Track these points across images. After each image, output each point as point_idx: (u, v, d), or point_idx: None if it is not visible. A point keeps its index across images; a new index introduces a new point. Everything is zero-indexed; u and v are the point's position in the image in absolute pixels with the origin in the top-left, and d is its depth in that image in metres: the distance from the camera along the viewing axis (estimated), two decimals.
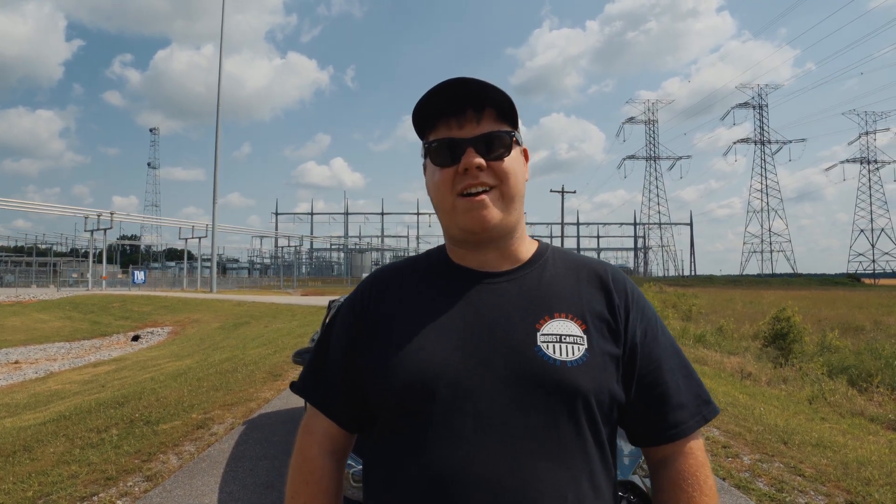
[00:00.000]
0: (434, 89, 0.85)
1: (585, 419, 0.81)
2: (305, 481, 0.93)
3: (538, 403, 0.79)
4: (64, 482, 3.71)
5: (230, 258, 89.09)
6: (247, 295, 33.67)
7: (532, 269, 0.92)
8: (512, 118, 0.89)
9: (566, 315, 0.86)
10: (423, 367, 0.82)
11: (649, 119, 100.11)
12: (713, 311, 21.70)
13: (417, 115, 0.89)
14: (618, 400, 0.85)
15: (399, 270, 0.98)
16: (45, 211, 38.72)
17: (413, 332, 0.86)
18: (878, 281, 77.76)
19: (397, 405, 0.83)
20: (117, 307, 25.32)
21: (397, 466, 0.82)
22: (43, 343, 17.41)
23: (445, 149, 0.87)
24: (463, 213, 0.86)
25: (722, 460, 4.25)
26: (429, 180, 0.92)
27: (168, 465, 4.13)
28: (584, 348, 0.83)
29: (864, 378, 8.72)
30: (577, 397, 0.80)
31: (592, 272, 0.92)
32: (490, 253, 0.91)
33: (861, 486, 3.67)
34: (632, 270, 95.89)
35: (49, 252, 75.46)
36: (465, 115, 0.86)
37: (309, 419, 0.98)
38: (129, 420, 5.36)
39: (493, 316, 0.85)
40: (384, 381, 0.84)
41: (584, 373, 0.81)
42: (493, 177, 0.86)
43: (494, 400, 0.79)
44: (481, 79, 0.85)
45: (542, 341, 0.82)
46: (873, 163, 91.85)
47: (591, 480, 0.81)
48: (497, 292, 0.88)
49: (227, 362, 9.07)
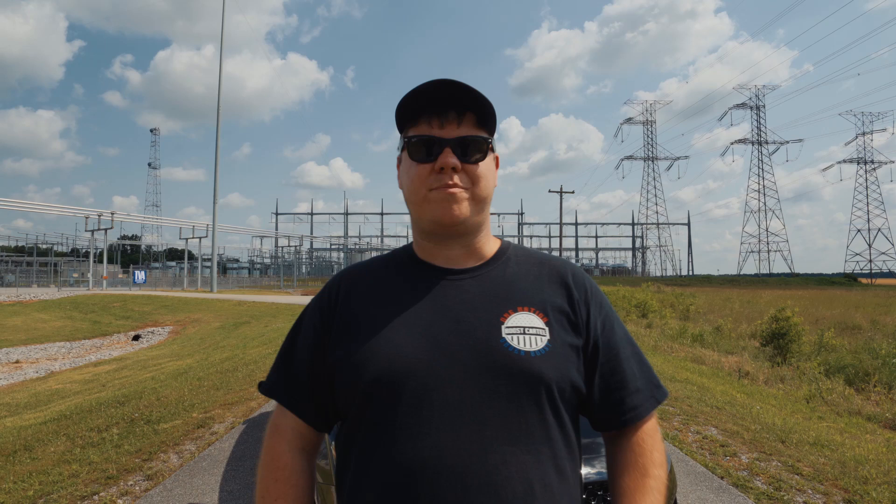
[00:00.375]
0: (421, 87, 0.88)
1: (549, 406, 0.85)
2: (276, 479, 0.93)
3: (504, 392, 0.83)
4: (65, 481, 3.72)
5: (230, 258, 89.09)
6: (247, 295, 33.66)
7: (495, 265, 0.96)
8: (490, 125, 0.93)
9: (529, 308, 0.90)
10: (391, 361, 0.85)
11: (647, 120, 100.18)
12: (711, 311, 21.72)
13: (402, 109, 0.91)
14: (578, 388, 0.90)
15: (366, 269, 1.00)
16: (46, 211, 38.71)
17: (381, 327, 0.88)
18: (874, 280, 77.84)
19: (366, 400, 0.85)
20: (118, 307, 25.31)
21: (368, 458, 0.85)
22: (43, 342, 17.40)
23: (424, 145, 0.90)
24: (434, 204, 0.89)
25: (720, 459, 4.27)
26: (403, 173, 0.95)
27: (169, 464, 4.14)
28: (546, 339, 0.88)
29: (861, 377, 8.74)
30: (541, 385, 0.84)
31: (553, 269, 0.98)
32: (456, 249, 0.95)
33: (859, 485, 3.69)
34: (629, 270, 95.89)
35: (50, 252, 75.43)
36: (448, 115, 0.89)
37: (277, 418, 0.98)
38: (129, 419, 5.37)
39: (458, 310, 0.89)
40: (353, 376, 0.86)
41: (546, 362, 0.85)
42: (466, 179, 0.90)
43: (462, 390, 0.83)
44: (468, 83, 0.87)
45: (507, 333, 0.87)
46: (870, 163, 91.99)
47: (555, 464, 0.85)
48: (462, 288, 0.92)
49: (227, 362, 9.08)
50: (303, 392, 0.95)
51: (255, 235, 66.81)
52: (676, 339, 13.69)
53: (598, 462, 2.17)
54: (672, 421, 5.36)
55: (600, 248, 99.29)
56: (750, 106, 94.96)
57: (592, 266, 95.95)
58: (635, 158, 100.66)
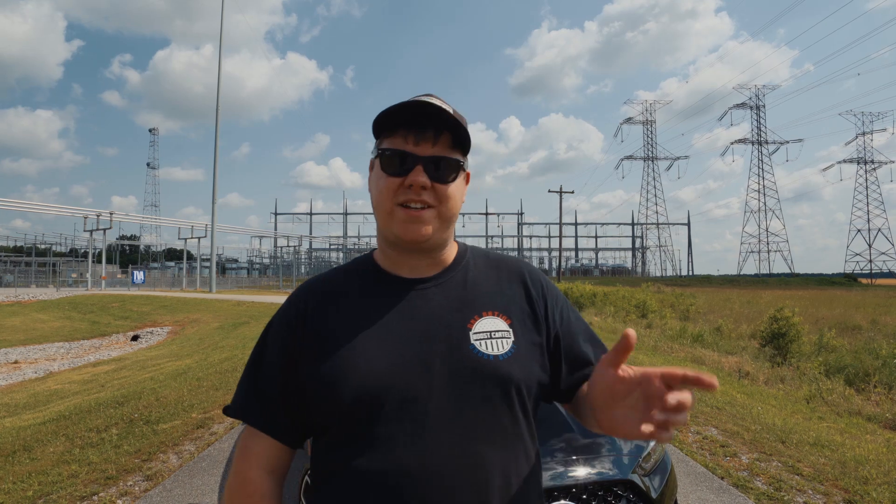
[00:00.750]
0: (403, 104, 0.90)
1: (518, 405, 0.90)
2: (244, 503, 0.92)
3: (477, 396, 0.87)
4: (64, 482, 3.72)
5: (229, 258, 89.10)
6: (246, 295, 33.64)
7: (456, 271, 0.99)
8: (465, 147, 0.95)
9: (493, 312, 0.95)
10: (368, 377, 0.86)
11: (647, 119, 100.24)
12: (711, 311, 21.72)
13: (381, 119, 0.92)
14: (543, 384, 0.95)
15: (330, 282, 1.00)
16: (45, 211, 38.65)
17: (354, 342, 0.89)
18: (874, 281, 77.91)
19: (345, 415, 0.86)
20: (116, 307, 25.28)
21: (352, 471, 0.85)
22: (42, 343, 17.37)
23: (397, 159, 0.91)
24: (400, 222, 0.91)
25: (720, 459, 4.27)
26: (373, 181, 0.96)
27: (168, 464, 4.14)
28: (511, 341, 0.92)
29: (861, 377, 8.74)
30: (511, 386, 0.89)
31: (510, 270, 1.03)
32: (419, 259, 0.97)
33: (859, 485, 3.69)
34: (629, 270, 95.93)
35: (48, 252, 75.36)
36: (425, 133, 0.91)
37: (247, 441, 0.96)
38: (128, 420, 5.37)
39: (427, 320, 0.92)
40: (331, 393, 0.86)
41: (513, 363, 0.90)
42: (434, 197, 0.91)
43: (438, 399, 0.86)
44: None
45: (475, 339, 0.91)
46: (870, 163, 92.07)
47: (526, 456, 0.91)
48: (427, 297, 0.95)
49: (226, 362, 9.07)
50: (275, 412, 0.93)
51: (254, 235, 66.78)
52: (676, 340, 13.70)
53: (597, 462, 2.17)
54: None
55: (600, 248, 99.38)
56: (750, 106, 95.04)
57: (592, 266, 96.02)
58: (635, 158, 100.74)
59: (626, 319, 18.64)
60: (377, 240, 1.02)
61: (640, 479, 2.16)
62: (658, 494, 2.19)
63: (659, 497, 2.19)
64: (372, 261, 1.01)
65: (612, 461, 2.19)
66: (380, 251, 1.01)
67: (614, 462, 2.19)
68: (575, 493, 2.03)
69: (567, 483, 2.03)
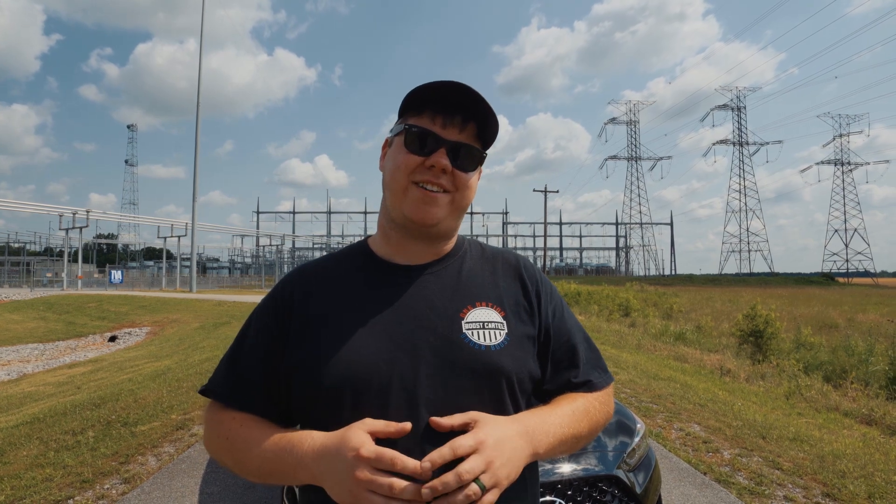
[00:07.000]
0: (438, 83, 0.88)
1: (509, 397, 0.89)
2: (240, 423, 0.89)
3: (467, 386, 0.85)
4: (38, 485, 3.61)
5: (210, 257, 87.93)
6: (227, 295, 33.21)
7: (452, 261, 0.98)
8: (489, 140, 0.94)
9: (487, 303, 0.94)
10: (354, 363, 0.84)
11: (631, 120, 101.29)
12: (693, 310, 22.04)
13: (411, 96, 0.90)
14: (534, 376, 0.94)
15: (321, 268, 0.99)
16: (19, 209, 37.54)
17: (342, 329, 0.88)
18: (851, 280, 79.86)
19: (331, 401, 0.84)
20: (93, 307, 24.74)
21: None
22: (16, 344, 16.93)
23: (423, 138, 0.89)
24: (413, 201, 0.90)
25: (703, 455, 4.31)
26: (390, 157, 0.94)
27: (147, 466, 4.04)
28: (504, 333, 0.91)
29: (838, 374, 8.93)
30: (502, 377, 0.88)
31: (507, 263, 1.03)
32: (420, 245, 0.96)
33: (836, 479, 3.75)
34: (613, 269, 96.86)
35: (22, 251, 73.44)
36: (453, 118, 0.90)
37: (214, 412, 0.95)
38: (105, 422, 5.24)
39: (419, 308, 0.90)
40: (317, 378, 0.85)
41: (505, 355, 0.89)
42: (452, 183, 0.90)
43: (427, 386, 0.84)
44: (465, 84, 0.88)
45: (467, 329, 0.89)
46: (847, 164, 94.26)
47: None
48: (421, 285, 0.93)
49: (207, 362, 8.93)
50: (256, 395, 0.91)
51: (236, 234, 66.07)
52: (659, 338, 13.86)
53: (583, 458, 2.17)
54: (655, 418, 5.41)
55: (584, 247, 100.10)
56: (731, 107, 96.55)
57: (577, 265, 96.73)
58: (619, 158, 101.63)
59: (609, 318, 18.82)
60: (378, 223, 1.00)
61: (624, 474, 2.17)
62: (642, 489, 2.19)
63: (643, 492, 2.19)
64: (366, 247, 1.00)
65: (598, 457, 2.19)
66: (378, 236, 1.00)
67: (599, 458, 2.19)
68: (561, 489, 2.02)
69: (553, 479, 2.02)
